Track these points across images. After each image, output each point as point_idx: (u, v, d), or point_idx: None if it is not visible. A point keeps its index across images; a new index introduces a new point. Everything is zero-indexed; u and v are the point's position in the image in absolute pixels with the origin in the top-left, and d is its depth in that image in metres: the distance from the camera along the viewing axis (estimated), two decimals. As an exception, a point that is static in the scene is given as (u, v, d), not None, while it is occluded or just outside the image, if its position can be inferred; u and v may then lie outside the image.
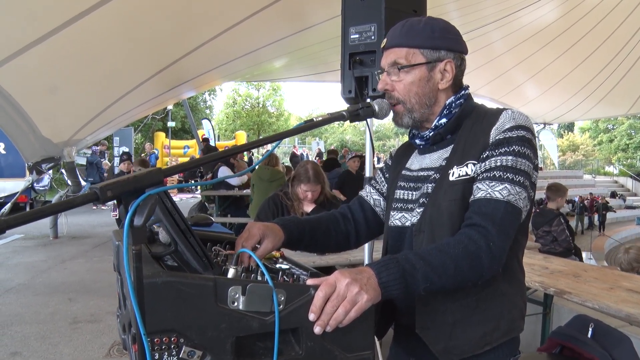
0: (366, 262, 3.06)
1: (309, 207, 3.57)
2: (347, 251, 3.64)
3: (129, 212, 0.87)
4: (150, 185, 0.93)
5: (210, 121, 27.30)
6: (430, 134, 1.45)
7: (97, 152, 15.83)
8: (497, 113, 1.37)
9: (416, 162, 1.53)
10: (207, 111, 34.57)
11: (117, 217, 6.93)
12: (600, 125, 42.49)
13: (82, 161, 15.05)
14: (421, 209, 1.40)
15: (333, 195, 3.74)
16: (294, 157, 22.38)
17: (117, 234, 1.19)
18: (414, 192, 1.46)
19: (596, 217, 19.29)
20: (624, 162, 38.81)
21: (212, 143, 21.47)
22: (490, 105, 1.65)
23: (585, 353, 2.16)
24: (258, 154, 21.29)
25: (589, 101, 16.92)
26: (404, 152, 1.63)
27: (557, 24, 11.25)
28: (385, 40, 1.46)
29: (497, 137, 1.32)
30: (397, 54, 1.41)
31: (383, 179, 1.67)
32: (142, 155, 20.13)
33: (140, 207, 0.88)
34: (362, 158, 7.42)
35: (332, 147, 24.82)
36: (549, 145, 25.28)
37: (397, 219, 1.48)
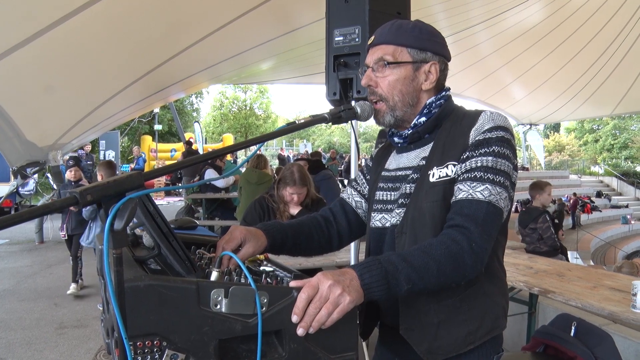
0: (352, 263, 3.06)
1: (295, 210, 3.56)
2: (333, 253, 3.67)
3: (109, 216, 0.87)
4: (131, 189, 0.93)
5: (199, 124, 27.23)
6: (409, 132, 1.46)
7: (83, 155, 15.67)
8: (475, 114, 1.38)
9: (394, 162, 1.54)
10: (194, 114, 34.43)
11: (66, 237, 6.39)
12: (586, 125, 42.90)
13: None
14: (400, 210, 1.41)
15: (319, 197, 3.74)
16: (280, 159, 22.35)
17: (100, 238, 1.18)
18: (393, 193, 1.47)
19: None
20: (609, 162, 39.19)
21: (200, 146, 21.37)
22: (477, 106, 1.67)
23: (568, 351, 2.19)
24: (245, 155, 21.24)
25: (575, 102, 17.11)
26: (384, 152, 1.64)
27: (542, 25, 11.37)
28: (372, 37, 1.46)
29: (476, 138, 1.33)
30: (384, 50, 1.42)
31: (364, 180, 1.67)
32: (129, 158, 19.96)
33: (120, 211, 0.88)
34: (310, 162, 7.14)
35: (320, 149, 24.81)
36: (535, 145, 25.50)
37: (378, 220, 1.49)
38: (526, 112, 19.55)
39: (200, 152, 18.75)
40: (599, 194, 23.89)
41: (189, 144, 17.68)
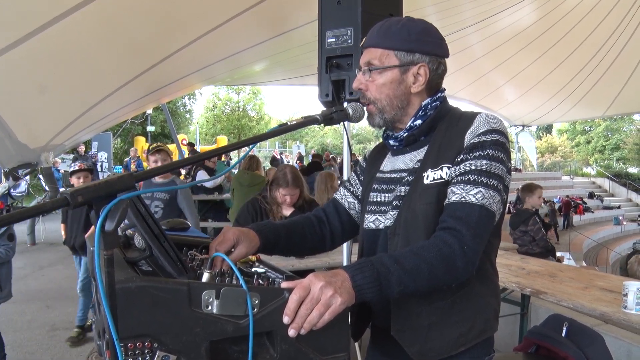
0: (344, 264, 3.06)
1: (287, 211, 3.56)
2: (326, 254, 3.67)
3: (100, 217, 0.87)
4: (122, 190, 0.93)
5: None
6: (404, 135, 1.46)
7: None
8: (471, 117, 1.38)
9: (389, 164, 1.54)
10: (187, 115, 34.33)
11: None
12: (578, 127, 43.13)
13: (64, 167, 14.88)
14: (394, 212, 1.40)
15: (312, 198, 3.74)
16: (274, 161, 22.36)
17: (91, 239, 1.18)
18: (387, 195, 1.46)
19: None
20: (601, 164, 39.38)
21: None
22: (469, 108, 1.66)
23: (560, 352, 2.20)
24: (238, 156, 21.20)
25: (567, 103, 17.20)
26: (378, 154, 1.63)
27: (534, 26, 11.42)
28: (364, 39, 1.46)
29: (471, 141, 1.33)
30: (372, 54, 1.42)
31: (357, 181, 1.67)
32: (125, 160, 19.85)
33: (111, 212, 0.88)
34: (309, 163, 7.13)
35: (313, 151, 24.83)
36: (527, 146, 25.56)
37: (371, 221, 1.49)
38: (519, 114, 19.62)
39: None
40: (591, 195, 24.00)
41: (191, 145, 17.86)
